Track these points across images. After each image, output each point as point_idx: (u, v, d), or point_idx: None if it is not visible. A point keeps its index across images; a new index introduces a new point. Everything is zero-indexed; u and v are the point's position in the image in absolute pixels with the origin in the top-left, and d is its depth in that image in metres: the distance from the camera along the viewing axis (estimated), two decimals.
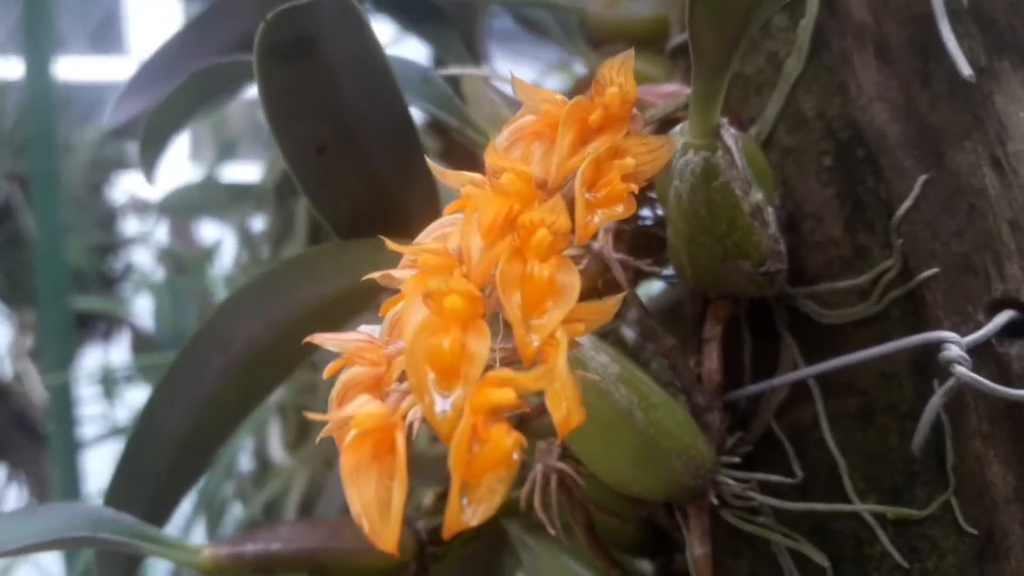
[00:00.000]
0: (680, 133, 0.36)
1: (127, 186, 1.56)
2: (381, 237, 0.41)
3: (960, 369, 0.34)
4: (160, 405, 0.49)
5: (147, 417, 0.49)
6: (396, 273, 0.31)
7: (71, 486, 1.27)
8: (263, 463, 1.00)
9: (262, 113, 0.38)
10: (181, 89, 0.49)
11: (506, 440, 0.25)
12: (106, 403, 1.31)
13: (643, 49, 0.50)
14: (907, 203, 0.37)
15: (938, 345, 0.35)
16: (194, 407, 0.49)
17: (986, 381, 0.33)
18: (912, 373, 0.37)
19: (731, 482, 0.39)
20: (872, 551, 0.38)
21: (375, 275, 0.31)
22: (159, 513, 0.50)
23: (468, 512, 0.25)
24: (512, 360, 0.29)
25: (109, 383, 1.30)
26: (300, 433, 0.93)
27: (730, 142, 0.36)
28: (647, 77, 0.48)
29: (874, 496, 0.38)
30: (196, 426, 0.49)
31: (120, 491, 0.48)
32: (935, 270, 0.36)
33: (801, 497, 0.40)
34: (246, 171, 1.39)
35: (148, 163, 0.52)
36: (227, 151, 1.37)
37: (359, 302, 0.47)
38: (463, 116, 0.44)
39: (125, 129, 0.56)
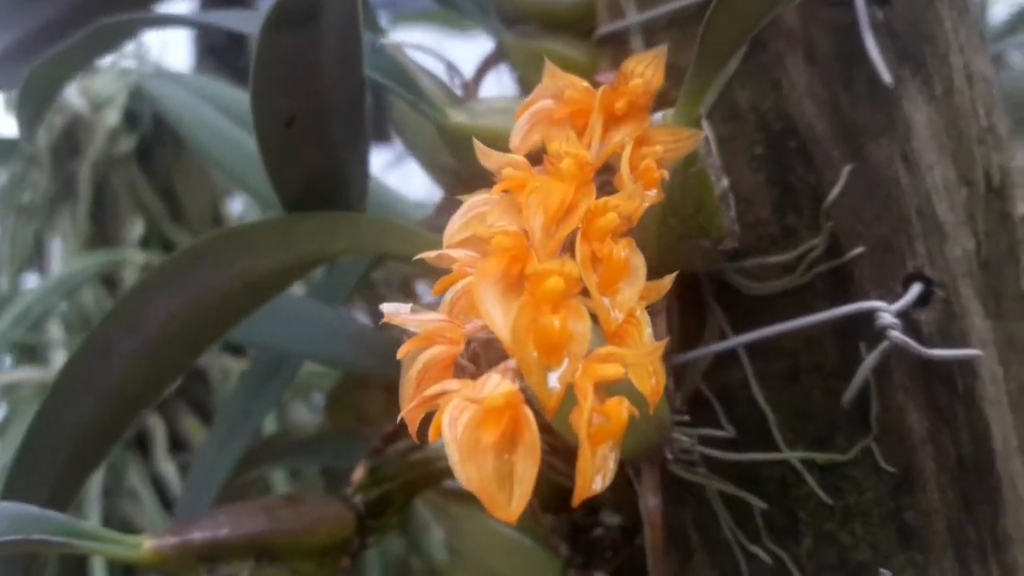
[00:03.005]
0: (664, 121, 0.39)
1: None
2: (345, 212, 0.41)
3: (894, 333, 0.40)
4: (62, 392, 0.45)
5: (48, 405, 0.45)
6: (454, 253, 0.31)
7: None
8: None
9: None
10: (77, 43, 0.45)
11: (623, 412, 0.27)
12: None
13: (562, 33, 0.52)
14: (836, 190, 0.43)
15: (867, 313, 0.41)
16: (98, 394, 0.46)
17: (913, 343, 0.40)
18: (835, 337, 0.43)
19: (683, 438, 0.43)
20: (799, 492, 0.43)
21: (429, 254, 0.32)
22: (57, 506, 0.46)
23: (597, 480, 0.27)
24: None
25: None
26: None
27: (708, 132, 0.39)
28: (572, 61, 0.51)
29: (801, 445, 0.43)
30: (100, 414, 0.46)
31: (18, 483, 0.44)
32: (862, 249, 0.42)
33: (734, 450, 0.44)
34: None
35: (29, 118, 0.46)
36: None
37: (291, 277, 0.46)
38: (416, 90, 0.44)
39: None
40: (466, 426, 0.26)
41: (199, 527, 0.42)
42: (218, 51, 1.09)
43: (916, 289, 0.42)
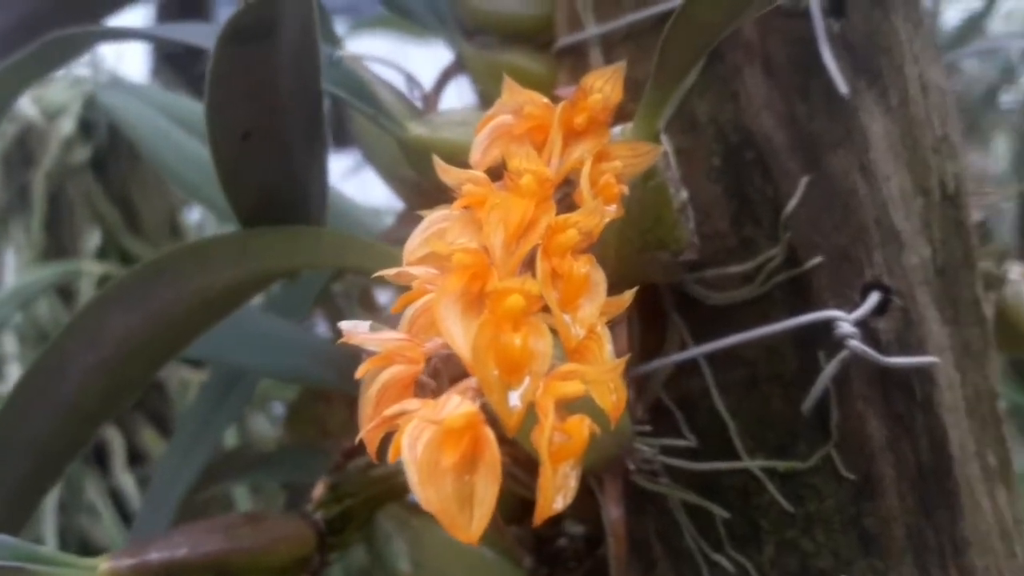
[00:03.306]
0: (622, 135, 0.39)
1: None
2: (304, 226, 0.41)
3: (854, 343, 0.40)
4: (17, 408, 0.44)
5: (2, 421, 0.44)
6: (414, 270, 0.31)
7: None
8: None
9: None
10: (29, 56, 0.44)
11: (584, 430, 0.27)
12: None
13: (522, 44, 0.52)
14: (794, 201, 0.43)
15: (826, 322, 0.41)
16: (55, 409, 0.45)
17: (872, 352, 0.40)
18: (795, 346, 0.43)
19: (645, 449, 0.43)
20: (760, 501, 0.44)
21: (389, 271, 0.31)
22: (12, 526, 0.45)
23: (559, 499, 0.27)
24: None
25: None
26: None
27: (666, 145, 0.39)
28: (531, 74, 0.51)
29: (762, 453, 0.44)
30: (56, 430, 0.45)
31: None
32: (820, 259, 0.42)
33: (695, 459, 0.45)
34: None
35: None
36: None
37: (249, 292, 0.46)
38: (375, 103, 0.44)
39: None
40: (425, 447, 0.26)
41: (156, 548, 0.42)
42: (175, 59, 1.07)
43: (874, 298, 0.42)
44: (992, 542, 0.43)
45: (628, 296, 0.32)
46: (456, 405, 0.26)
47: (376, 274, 0.32)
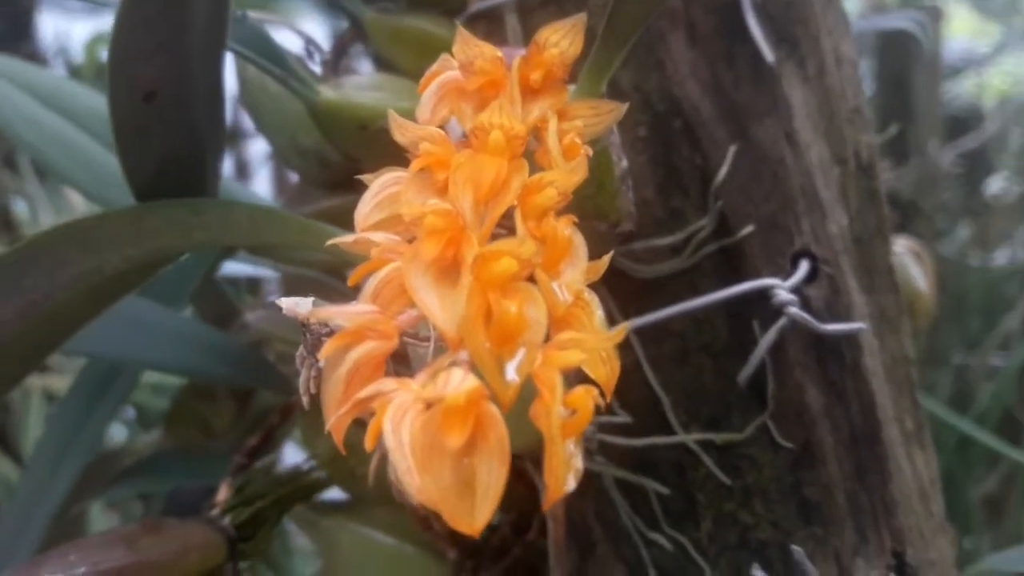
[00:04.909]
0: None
1: None
2: (211, 199, 0.37)
3: (792, 310, 0.40)
4: None
5: None
6: (375, 236, 0.28)
7: None
8: None
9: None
10: None
11: (590, 403, 0.25)
12: None
13: (427, 10, 0.49)
14: (724, 169, 0.42)
15: (760, 291, 0.41)
16: None
17: (811, 319, 0.40)
18: (726, 316, 0.43)
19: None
20: (696, 475, 0.43)
21: (345, 239, 0.28)
22: None
23: (570, 479, 0.25)
24: None
25: None
26: None
27: None
28: (439, 39, 0.48)
29: (696, 426, 0.43)
30: None
31: None
32: (752, 227, 0.42)
33: (629, 435, 0.43)
34: None
35: None
36: None
37: (143, 275, 0.41)
38: (285, 65, 0.40)
39: None
40: (422, 430, 0.23)
41: (48, 568, 0.36)
42: None
43: (805, 266, 0.42)
44: (913, 503, 0.44)
45: (606, 260, 0.30)
46: (460, 380, 0.23)
47: (330, 242, 0.29)
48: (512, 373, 0.25)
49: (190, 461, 0.55)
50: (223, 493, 0.44)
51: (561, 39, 0.32)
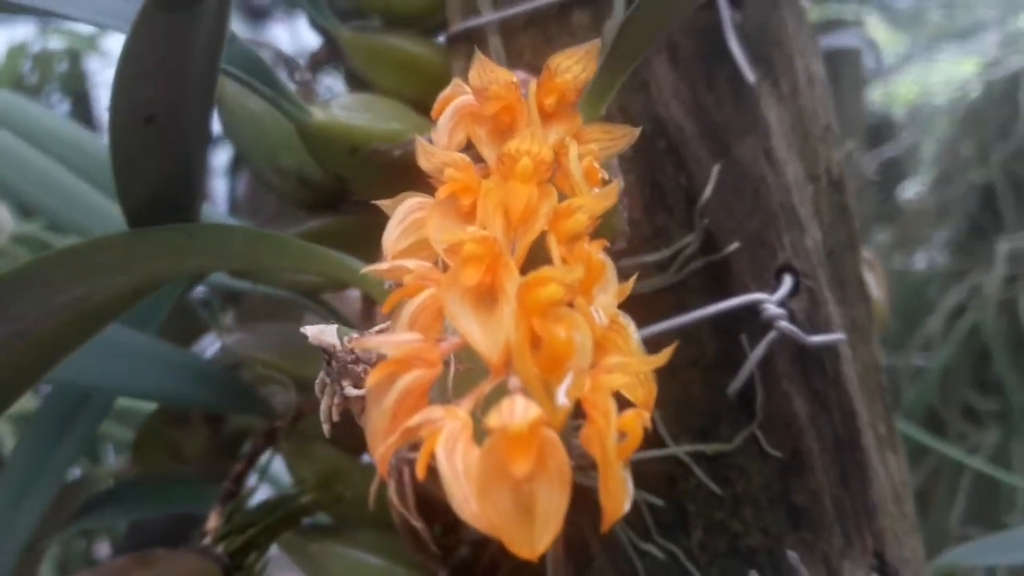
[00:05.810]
0: None
1: None
2: (207, 223, 0.37)
3: (782, 323, 0.41)
4: None
5: None
6: (409, 264, 0.28)
7: None
8: None
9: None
10: None
11: (639, 426, 0.26)
12: None
13: (405, 29, 0.49)
14: (709, 188, 0.44)
15: (749, 306, 0.42)
16: None
17: (799, 332, 0.42)
18: (713, 330, 0.44)
19: (578, 443, 0.42)
20: (686, 486, 0.44)
21: (379, 267, 0.28)
22: None
23: (626, 502, 0.25)
24: None
25: None
26: None
27: None
28: (419, 59, 0.48)
29: (686, 438, 0.44)
30: None
31: None
32: (738, 244, 0.43)
33: None
34: None
35: None
36: None
37: (132, 302, 0.40)
38: (277, 86, 0.39)
39: None
40: (486, 456, 0.24)
41: None
42: None
43: (789, 280, 0.43)
44: (888, 506, 0.46)
45: (631, 282, 0.31)
46: (524, 409, 0.23)
47: (364, 270, 0.29)
48: (563, 398, 0.25)
49: (159, 490, 0.53)
50: (213, 521, 0.43)
51: (574, 64, 0.33)
